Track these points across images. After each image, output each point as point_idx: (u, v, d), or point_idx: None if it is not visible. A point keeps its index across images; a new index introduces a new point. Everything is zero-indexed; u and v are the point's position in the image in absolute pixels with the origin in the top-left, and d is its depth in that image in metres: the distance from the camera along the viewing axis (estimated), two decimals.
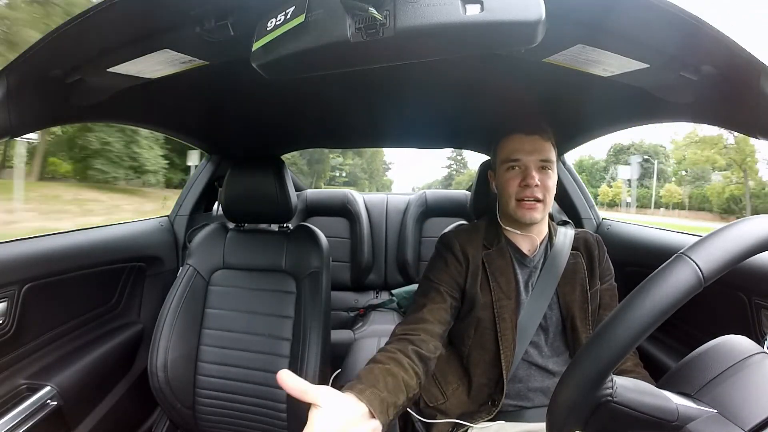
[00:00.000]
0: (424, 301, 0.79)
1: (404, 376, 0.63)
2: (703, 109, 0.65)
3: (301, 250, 1.08)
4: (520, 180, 0.78)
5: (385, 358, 0.65)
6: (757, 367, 0.38)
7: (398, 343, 0.71)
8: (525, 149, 0.79)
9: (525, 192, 0.77)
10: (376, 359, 0.65)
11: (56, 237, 0.98)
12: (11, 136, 0.61)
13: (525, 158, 0.78)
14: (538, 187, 0.77)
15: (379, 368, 0.62)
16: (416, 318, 0.77)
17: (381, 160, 39.40)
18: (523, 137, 0.80)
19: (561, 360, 0.81)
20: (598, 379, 0.36)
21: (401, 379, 0.62)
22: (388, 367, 0.62)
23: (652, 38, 0.51)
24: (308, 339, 0.97)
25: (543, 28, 0.41)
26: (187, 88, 0.83)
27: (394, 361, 0.65)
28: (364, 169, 34.38)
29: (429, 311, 0.77)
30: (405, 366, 0.65)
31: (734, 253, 0.34)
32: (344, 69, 0.51)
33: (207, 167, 1.49)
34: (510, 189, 0.79)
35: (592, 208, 1.42)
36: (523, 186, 0.78)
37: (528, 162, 0.78)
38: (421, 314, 0.77)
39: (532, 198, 0.77)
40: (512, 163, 0.79)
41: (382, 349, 0.70)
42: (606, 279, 0.85)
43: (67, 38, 0.53)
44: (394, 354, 0.67)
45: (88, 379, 0.98)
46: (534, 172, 0.77)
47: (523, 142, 0.80)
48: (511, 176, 0.80)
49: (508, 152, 0.80)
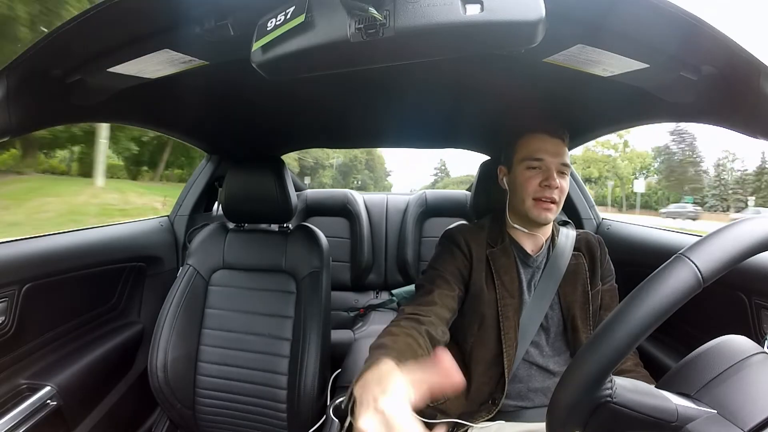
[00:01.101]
0: (431, 287, 0.78)
1: (421, 353, 0.62)
2: (703, 109, 0.65)
3: (301, 250, 1.08)
4: (541, 180, 0.78)
5: (402, 332, 0.64)
6: (757, 367, 0.38)
7: (409, 321, 0.69)
8: (549, 150, 0.79)
9: (544, 192, 0.78)
10: (392, 332, 0.64)
11: (56, 237, 0.98)
12: (11, 136, 0.61)
13: (549, 159, 0.79)
14: (557, 189, 0.78)
15: (401, 338, 0.61)
16: (426, 300, 0.75)
17: (383, 169, 55.79)
18: (547, 138, 0.80)
19: (562, 360, 0.81)
20: (598, 379, 0.36)
21: (420, 353, 0.61)
22: (408, 340, 0.62)
23: (652, 38, 0.51)
24: (308, 339, 0.97)
25: (543, 28, 0.41)
26: (187, 88, 0.83)
27: (411, 337, 0.64)
28: (371, 177, 49.06)
29: (438, 296, 0.76)
30: (420, 344, 0.64)
31: (733, 253, 0.34)
32: (344, 69, 0.51)
33: (207, 167, 1.48)
34: (529, 187, 0.79)
35: (592, 208, 1.42)
36: (543, 186, 0.78)
37: (551, 164, 0.79)
38: (431, 297, 0.75)
39: (549, 199, 0.78)
40: (535, 162, 0.79)
41: (393, 324, 0.68)
42: (607, 280, 0.86)
43: (67, 38, 0.53)
44: (409, 330, 0.66)
45: (88, 379, 0.98)
46: (555, 175, 0.78)
47: (546, 142, 0.80)
48: (532, 175, 0.79)
49: (532, 150, 0.80)
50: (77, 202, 9.58)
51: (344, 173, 42.49)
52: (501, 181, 0.88)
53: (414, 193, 2.04)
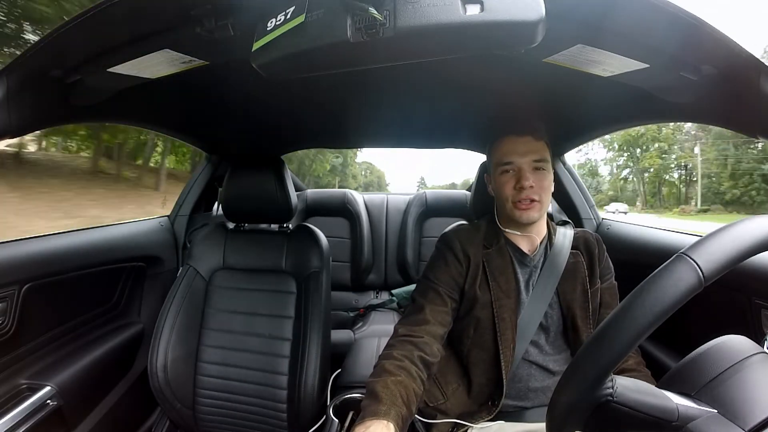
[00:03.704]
0: (423, 302, 0.79)
1: (414, 387, 0.65)
2: (703, 109, 0.65)
3: (301, 251, 1.08)
4: (515, 182, 0.78)
5: (395, 368, 0.67)
6: (757, 367, 0.37)
7: (403, 347, 0.72)
8: (517, 151, 0.78)
9: (520, 195, 0.77)
10: (386, 369, 0.67)
11: (56, 237, 0.97)
12: (11, 136, 0.61)
13: (518, 160, 0.78)
14: (533, 188, 0.77)
15: (393, 381, 0.64)
16: (418, 319, 0.77)
17: (384, 182, 67.51)
18: (515, 139, 0.80)
19: (562, 359, 0.81)
20: (598, 379, 0.36)
21: (412, 390, 0.65)
22: (400, 379, 0.65)
23: (652, 38, 0.51)
24: (308, 339, 0.97)
25: (543, 28, 0.41)
26: (187, 88, 0.83)
27: (405, 371, 0.67)
28: (374, 182, 60.21)
29: (431, 312, 0.78)
30: (413, 375, 0.67)
31: (734, 252, 0.34)
32: (344, 69, 0.51)
33: (207, 167, 1.49)
34: (506, 192, 0.79)
35: (593, 208, 1.42)
36: (518, 188, 0.77)
37: (521, 164, 0.78)
38: (423, 315, 0.77)
39: (526, 199, 0.77)
40: (505, 165, 0.79)
41: (387, 354, 0.71)
42: (606, 278, 0.85)
43: (67, 38, 0.53)
44: (402, 362, 0.68)
45: (88, 379, 0.98)
46: (528, 174, 0.77)
47: (515, 143, 0.79)
48: (506, 179, 0.79)
49: (501, 155, 0.80)
50: None
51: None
52: (489, 190, 0.89)
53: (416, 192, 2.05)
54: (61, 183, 9.80)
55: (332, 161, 28.58)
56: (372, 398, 0.61)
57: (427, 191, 1.97)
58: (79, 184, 10.19)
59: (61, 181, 9.94)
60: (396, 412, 0.58)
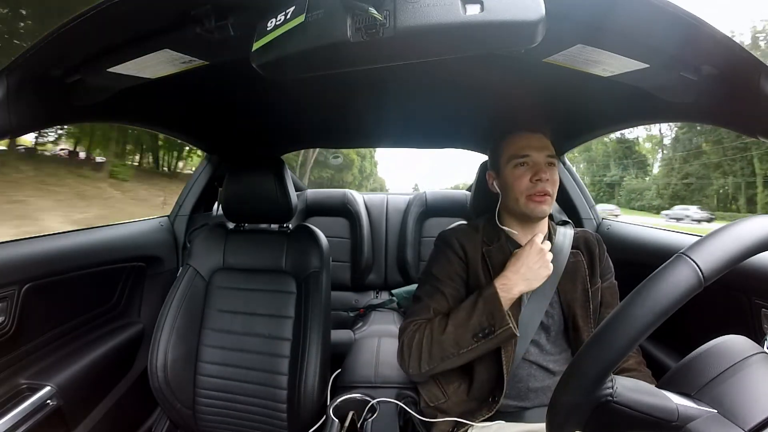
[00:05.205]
0: (428, 302, 0.81)
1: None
2: (703, 109, 0.65)
3: (301, 251, 1.08)
4: (532, 175, 0.79)
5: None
6: (757, 367, 0.37)
7: (420, 327, 0.76)
8: (534, 145, 0.80)
9: (536, 187, 0.78)
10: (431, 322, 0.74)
11: (56, 237, 0.97)
12: (11, 136, 0.61)
13: (535, 154, 0.80)
14: (548, 182, 0.79)
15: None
16: (423, 317, 0.80)
17: (384, 188, 70.64)
18: (530, 135, 0.82)
19: (562, 359, 0.81)
20: (598, 379, 0.36)
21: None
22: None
23: (652, 38, 0.51)
24: (308, 339, 0.97)
25: (543, 28, 0.41)
26: (187, 88, 0.83)
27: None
28: (377, 189, 58.06)
29: (435, 311, 0.80)
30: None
31: (734, 252, 0.34)
32: (344, 69, 0.51)
33: (207, 167, 1.48)
34: (521, 185, 0.80)
35: (593, 208, 1.42)
36: (534, 181, 0.79)
37: (538, 158, 0.80)
38: (428, 314, 0.80)
39: (542, 192, 0.78)
40: (522, 159, 0.80)
41: (413, 335, 0.76)
42: (606, 277, 0.86)
43: (67, 38, 0.53)
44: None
45: (88, 379, 0.98)
46: (545, 167, 0.79)
47: (530, 139, 0.81)
48: (521, 172, 0.80)
49: (517, 149, 0.81)
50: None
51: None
52: (492, 186, 0.89)
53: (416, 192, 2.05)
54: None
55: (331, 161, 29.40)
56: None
57: (427, 191, 1.97)
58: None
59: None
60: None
